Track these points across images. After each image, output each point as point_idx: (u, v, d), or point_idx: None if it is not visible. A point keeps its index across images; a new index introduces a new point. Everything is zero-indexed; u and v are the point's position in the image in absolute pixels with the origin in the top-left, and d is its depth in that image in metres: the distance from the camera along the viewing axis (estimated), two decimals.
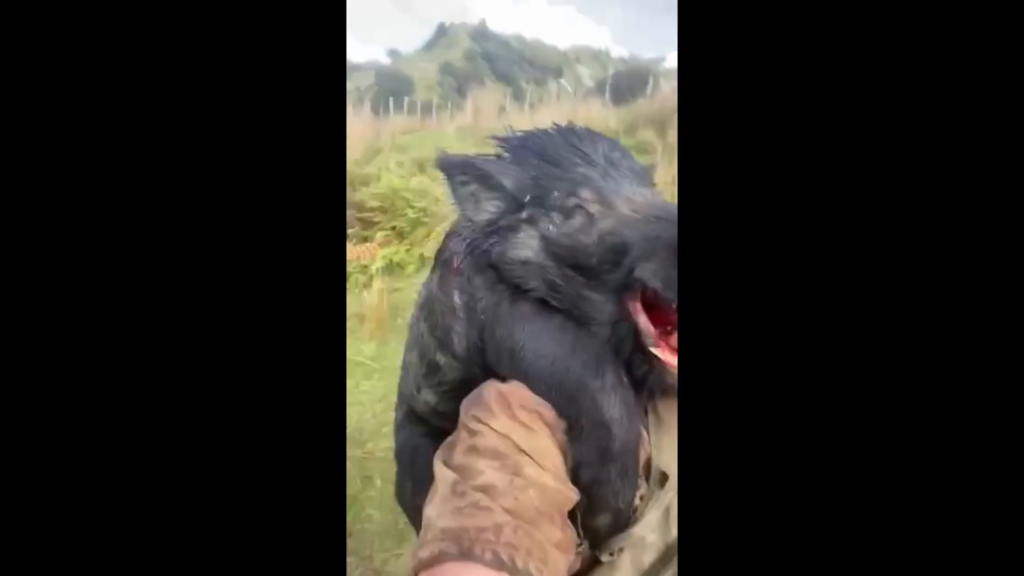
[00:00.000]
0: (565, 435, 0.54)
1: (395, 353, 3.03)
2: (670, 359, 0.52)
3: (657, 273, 0.50)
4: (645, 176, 0.61)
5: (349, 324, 3.28)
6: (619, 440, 0.52)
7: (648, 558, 0.55)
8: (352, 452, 2.17)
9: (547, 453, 0.53)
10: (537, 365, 0.55)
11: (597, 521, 0.55)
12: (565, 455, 0.54)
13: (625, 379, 0.54)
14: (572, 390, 0.53)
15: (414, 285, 3.47)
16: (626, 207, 0.54)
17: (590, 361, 0.54)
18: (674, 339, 0.54)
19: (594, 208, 0.55)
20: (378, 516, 1.88)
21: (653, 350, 0.52)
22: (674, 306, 0.50)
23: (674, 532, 0.55)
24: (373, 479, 2.05)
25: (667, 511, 0.55)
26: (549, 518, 0.50)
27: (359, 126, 7.27)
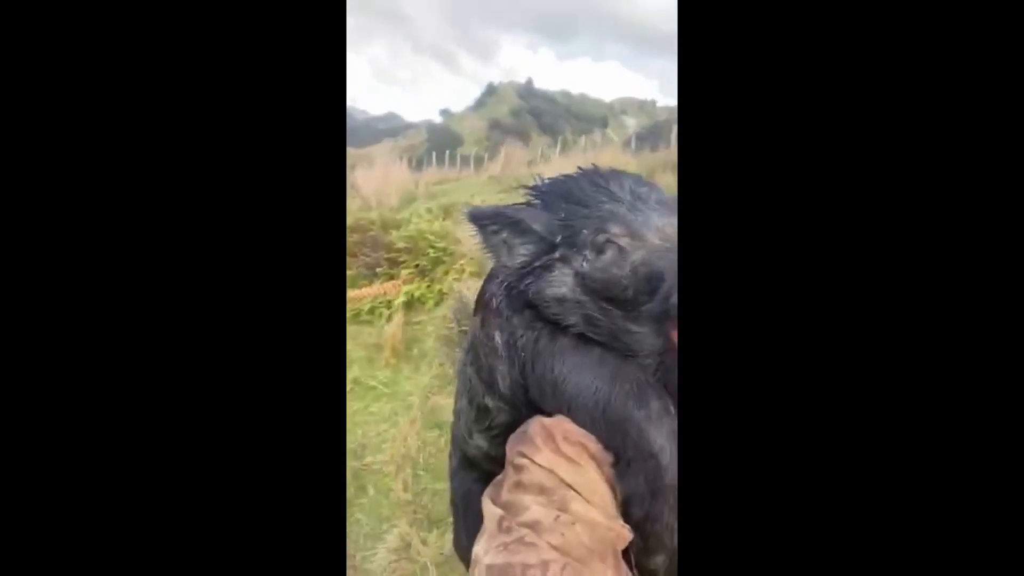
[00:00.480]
0: (612, 468, 0.52)
1: (406, 379, 3.22)
2: None
3: None
4: (674, 207, 0.60)
5: (367, 352, 3.51)
6: (670, 472, 0.51)
7: None
8: (352, 464, 2.34)
9: (595, 488, 0.51)
10: (579, 397, 0.54)
11: (654, 562, 0.52)
12: (614, 490, 0.52)
13: (672, 409, 0.53)
14: (616, 420, 0.52)
15: (433, 319, 3.71)
16: (656, 237, 0.55)
17: (632, 391, 0.53)
18: None
19: (624, 241, 0.55)
20: (365, 520, 2.03)
21: None
22: None
23: None
24: (367, 488, 2.20)
25: None
26: (600, 556, 0.48)
27: (399, 176, 7.83)
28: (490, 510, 0.52)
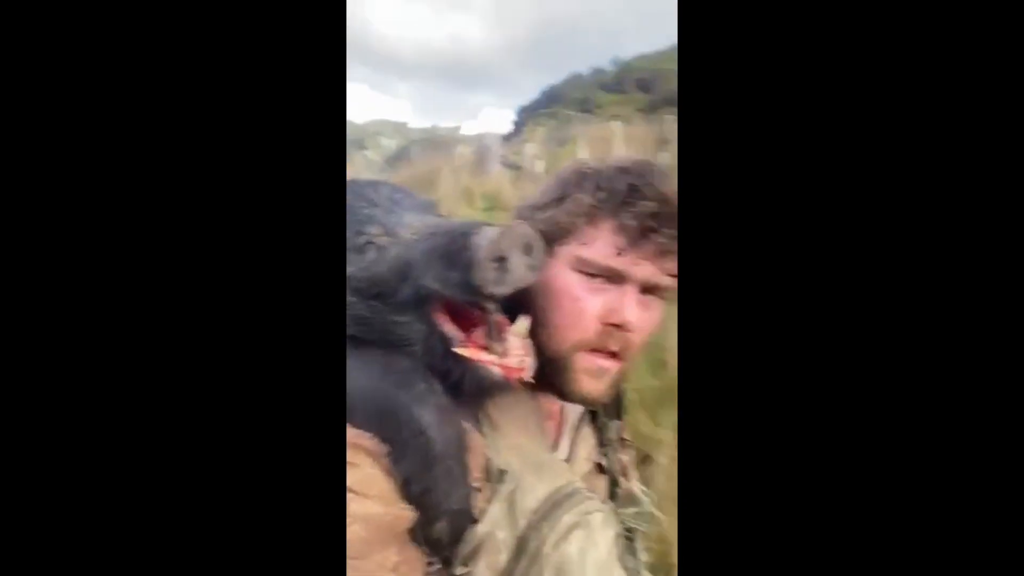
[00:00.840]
0: (388, 458, 0.55)
1: None
2: (478, 356, 0.56)
3: (437, 278, 0.54)
4: (430, 207, 0.66)
5: None
6: (438, 443, 0.55)
7: (503, 557, 0.56)
8: None
9: (371, 482, 0.53)
10: (355, 399, 0.55)
11: (435, 530, 0.55)
12: (393, 477, 0.54)
13: (438, 386, 0.57)
14: (388, 411, 0.55)
15: None
16: (408, 232, 0.59)
17: (400, 379, 0.57)
18: (479, 335, 0.58)
19: (382, 240, 0.59)
20: None
21: (459, 350, 0.56)
22: (472, 306, 0.55)
23: (521, 524, 0.57)
24: None
25: (511, 504, 0.58)
26: (381, 545, 0.50)
27: None
28: None
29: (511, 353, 0.57)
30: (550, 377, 0.66)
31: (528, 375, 0.58)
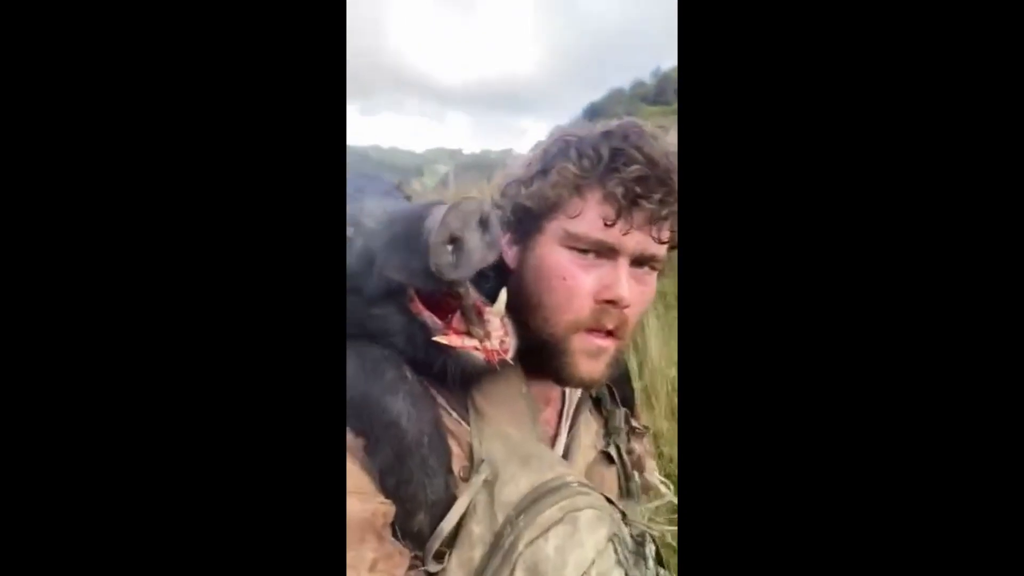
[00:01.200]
0: (364, 452, 0.54)
1: None
2: (457, 342, 0.54)
3: (400, 268, 0.52)
4: (393, 191, 0.64)
5: None
6: (410, 432, 0.53)
7: (477, 553, 0.53)
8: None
9: (347, 476, 0.51)
10: None
11: (415, 522, 0.53)
12: (368, 471, 0.53)
13: (410, 375, 0.56)
14: (361, 404, 0.54)
15: None
16: (371, 222, 0.57)
17: (372, 368, 0.56)
18: (458, 320, 0.56)
19: (349, 232, 0.57)
20: None
21: (439, 339, 0.54)
22: (450, 290, 0.53)
23: (500, 519, 0.54)
24: None
25: (490, 497, 0.55)
26: (358, 541, 0.49)
27: None
28: None
29: (492, 335, 0.55)
30: (545, 361, 0.63)
31: (510, 355, 0.56)
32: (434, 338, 0.54)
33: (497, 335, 0.56)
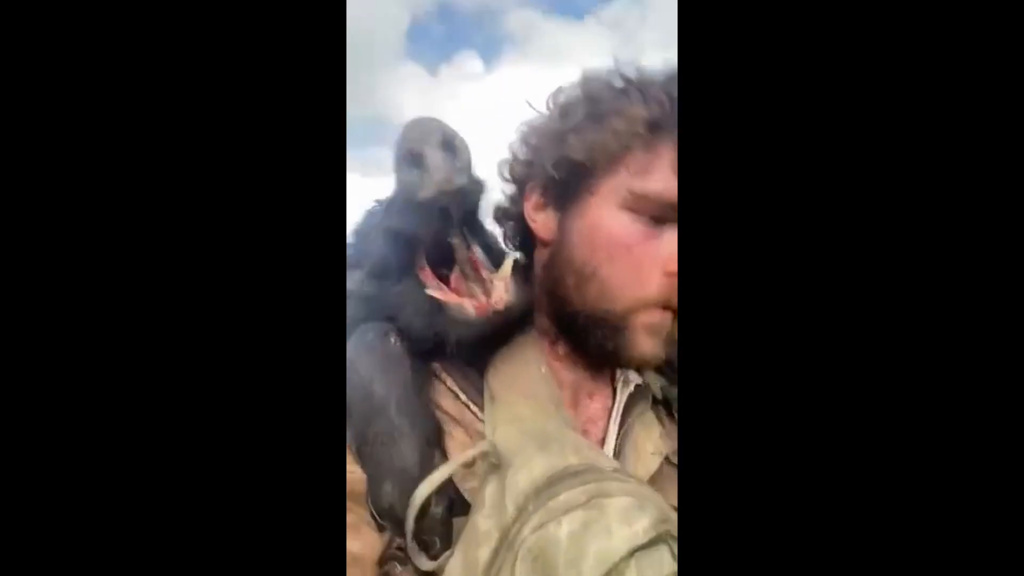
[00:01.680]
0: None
1: None
2: (452, 297, 0.53)
3: (394, 214, 0.54)
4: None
5: None
6: (377, 396, 0.51)
7: (485, 551, 0.44)
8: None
9: None
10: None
11: (382, 493, 0.49)
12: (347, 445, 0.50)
13: (394, 340, 0.54)
14: (350, 378, 0.53)
15: None
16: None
17: (358, 336, 0.55)
18: (457, 278, 0.55)
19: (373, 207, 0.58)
20: None
21: (432, 292, 0.53)
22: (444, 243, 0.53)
23: (510, 513, 0.45)
24: None
25: (501, 487, 0.46)
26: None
27: None
28: None
29: (493, 295, 0.52)
30: (599, 341, 0.54)
31: (501, 306, 0.52)
32: (427, 291, 0.53)
33: (499, 297, 0.52)
